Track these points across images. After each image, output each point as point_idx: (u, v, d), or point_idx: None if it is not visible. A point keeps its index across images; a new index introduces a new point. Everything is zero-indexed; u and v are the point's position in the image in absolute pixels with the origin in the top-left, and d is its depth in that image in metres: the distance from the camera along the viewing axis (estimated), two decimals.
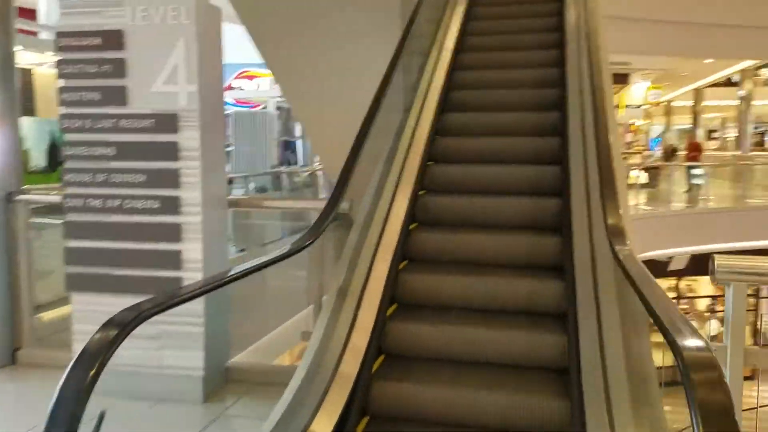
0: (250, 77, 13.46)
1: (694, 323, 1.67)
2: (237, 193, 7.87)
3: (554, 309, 2.84)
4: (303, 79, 6.54)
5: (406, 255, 3.31)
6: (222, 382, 3.58)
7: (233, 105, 12.28)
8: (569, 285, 2.73)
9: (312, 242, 2.52)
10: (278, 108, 10.98)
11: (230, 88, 12.69)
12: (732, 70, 20.18)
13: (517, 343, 2.67)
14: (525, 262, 3.17)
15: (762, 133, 29.61)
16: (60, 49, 3.51)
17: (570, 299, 2.66)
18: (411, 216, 3.53)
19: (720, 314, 14.52)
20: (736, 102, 20.69)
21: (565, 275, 2.85)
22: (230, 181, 8.01)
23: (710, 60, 17.99)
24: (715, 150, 23.89)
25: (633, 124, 25.82)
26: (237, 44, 11.60)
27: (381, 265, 3.05)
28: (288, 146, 11.10)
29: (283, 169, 9.97)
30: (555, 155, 3.81)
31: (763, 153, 23.59)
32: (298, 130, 11.26)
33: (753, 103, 20.49)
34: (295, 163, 11.30)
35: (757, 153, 21.65)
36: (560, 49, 4.79)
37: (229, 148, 10.06)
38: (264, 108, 11.34)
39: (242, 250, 7.28)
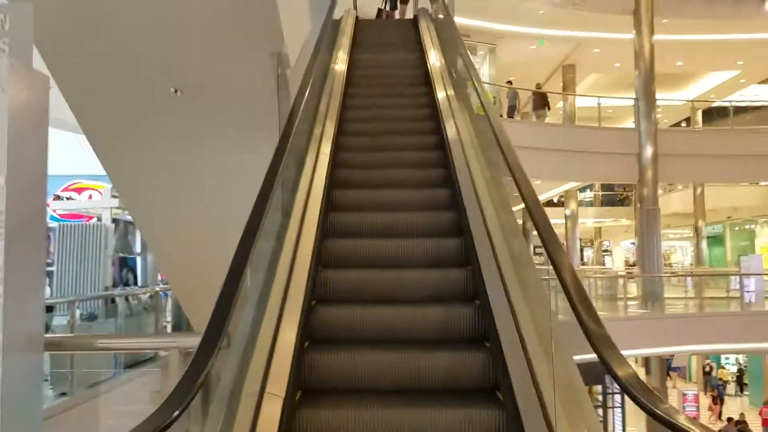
0: (79, 190, 12.02)
1: None
2: (59, 323, 6.44)
3: None
4: (149, 188, 5.65)
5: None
6: None
7: (58, 220, 10.72)
8: None
9: (177, 417, 1.62)
10: (114, 220, 9.67)
11: (57, 198, 11.16)
12: (558, 191, 22.18)
13: None
14: None
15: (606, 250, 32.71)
16: None
17: None
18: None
19: None
20: (562, 221, 22.55)
21: None
22: (50, 309, 6.56)
23: (538, 182, 19.63)
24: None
25: None
26: (66, 153, 10.30)
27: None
28: (125, 264, 9.73)
29: (118, 291, 8.57)
30: None
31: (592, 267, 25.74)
32: (138, 244, 9.95)
33: (579, 221, 22.50)
34: (135, 283, 9.87)
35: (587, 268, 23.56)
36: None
37: (50, 268, 8.48)
38: (98, 220, 9.95)
39: (63, 394, 5.81)
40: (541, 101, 16.54)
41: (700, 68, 20.68)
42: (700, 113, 24.47)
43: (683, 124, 24.25)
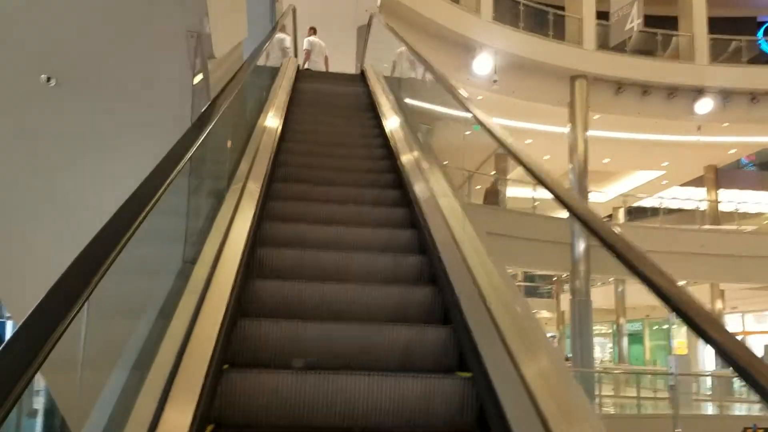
0: None
1: None
2: None
3: None
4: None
5: None
6: None
7: None
8: None
9: None
10: None
11: None
12: None
13: None
14: None
15: None
16: None
17: None
18: None
19: None
20: None
21: None
22: None
23: None
24: None
25: None
26: None
27: None
28: None
29: None
30: None
31: None
32: None
33: None
34: None
35: None
36: None
37: None
38: None
39: None
40: (494, 197, 16.35)
41: (626, 167, 21.30)
42: (621, 211, 25.22)
43: (606, 219, 24.84)
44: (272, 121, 4.91)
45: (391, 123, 5.74)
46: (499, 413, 1.97)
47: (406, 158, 4.67)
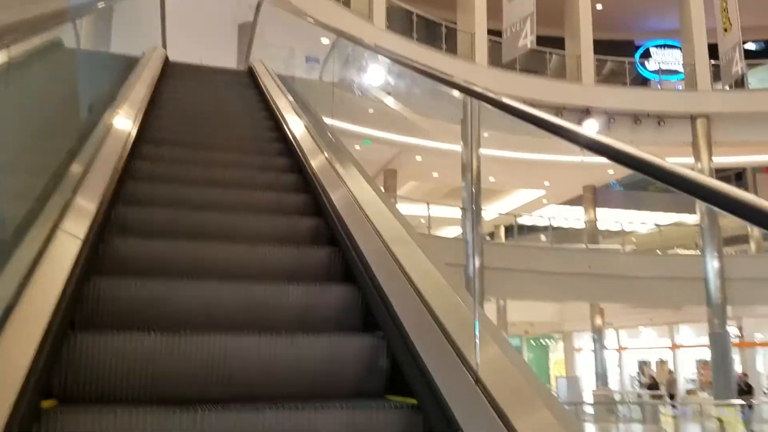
0: None
1: None
2: None
3: None
4: None
5: None
6: None
7: None
8: None
9: None
10: None
11: None
12: None
13: None
14: None
15: None
16: None
17: None
18: None
19: None
20: None
21: None
22: None
23: None
24: None
25: None
26: None
27: None
28: None
29: None
30: None
31: None
32: None
33: None
34: None
35: None
36: None
37: None
38: None
39: None
40: None
41: (510, 185, 21.35)
42: (502, 228, 25.45)
43: (487, 238, 24.92)
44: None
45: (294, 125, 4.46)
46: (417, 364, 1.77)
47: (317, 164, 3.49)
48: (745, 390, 13.32)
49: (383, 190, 13.45)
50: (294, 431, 1.70)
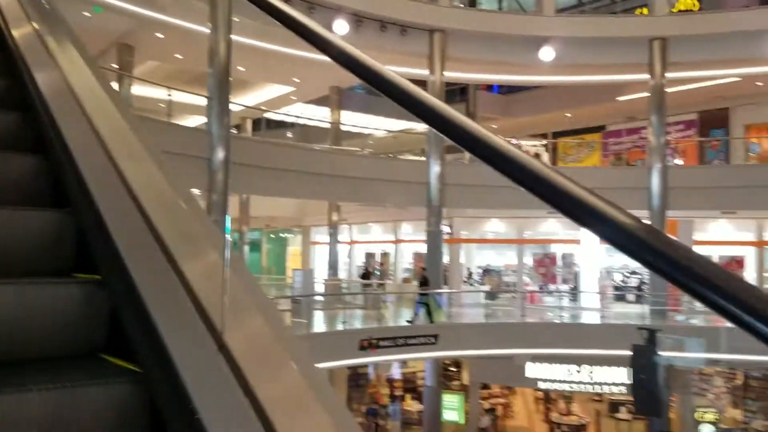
0: None
1: None
2: None
3: None
4: None
5: None
6: None
7: None
8: None
9: None
10: None
11: None
12: None
13: None
14: None
15: None
16: None
17: None
18: None
19: None
20: None
21: None
22: None
23: None
24: None
25: None
26: None
27: None
28: None
29: None
30: None
31: None
32: None
33: None
34: None
35: None
36: None
37: None
38: None
39: None
40: None
41: (260, 78, 20.79)
42: (249, 122, 25.00)
43: (234, 131, 24.29)
44: None
45: None
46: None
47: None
48: (423, 282, 15.43)
49: (117, 67, 12.06)
50: None
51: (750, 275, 19.78)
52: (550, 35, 17.43)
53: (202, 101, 14.83)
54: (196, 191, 17.54)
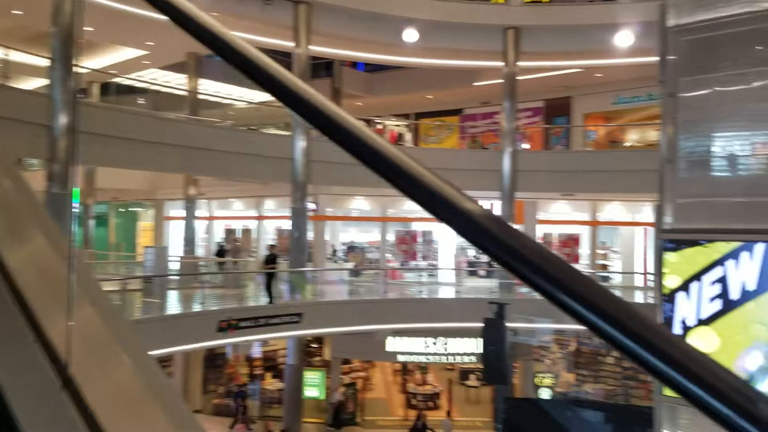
0: None
1: None
2: None
3: None
4: None
5: None
6: None
7: None
8: None
9: None
10: None
11: None
12: None
13: None
14: None
15: None
16: None
17: None
18: None
19: None
20: None
21: None
22: None
23: None
24: None
25: None
26: None
27: None
28: None
29: None
30: None
31: None
32: None
33: None
34: None
35: None
36: None
37: None
38: None
39: None
40: None
41: (109, 39, 19.13)
42: (97, 87, 22.99)
43: (79, 96, 22.21)
44: None
45: None
46: None
47: None
48: (270, 260, 15.34)
49: None
50: None
51: (584, 251, 21.85)
52: (414, 17, 17.73)
53: (44, 62, 13.37)
54: (34, 161, 15.88)
